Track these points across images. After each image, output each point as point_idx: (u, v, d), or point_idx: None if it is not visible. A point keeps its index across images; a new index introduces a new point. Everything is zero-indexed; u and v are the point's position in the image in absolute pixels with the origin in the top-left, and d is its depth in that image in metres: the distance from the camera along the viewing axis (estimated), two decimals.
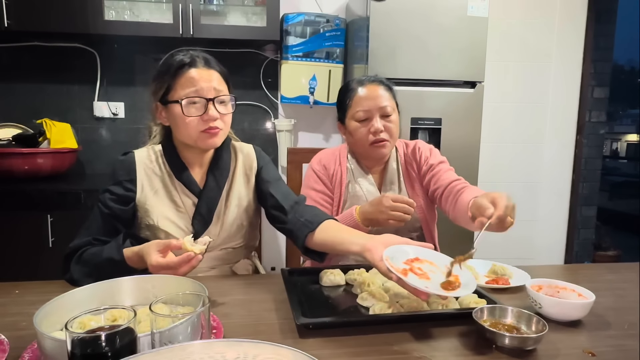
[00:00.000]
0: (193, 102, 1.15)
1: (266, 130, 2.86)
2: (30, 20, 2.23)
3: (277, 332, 0.87)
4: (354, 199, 1.47)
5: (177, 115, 1.16)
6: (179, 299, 0.75)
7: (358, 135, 1.43)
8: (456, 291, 0.88)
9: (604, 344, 0.84)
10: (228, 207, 1.27)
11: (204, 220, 1.23)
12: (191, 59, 1.17)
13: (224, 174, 1.28)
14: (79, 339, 0.59)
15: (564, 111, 3.11)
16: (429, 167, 1.48)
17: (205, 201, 1.23)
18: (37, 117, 2.41)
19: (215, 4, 2.54)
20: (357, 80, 1.47)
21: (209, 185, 1.25)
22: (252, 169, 1.33)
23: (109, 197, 1.18)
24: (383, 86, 1.44)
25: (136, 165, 1.22)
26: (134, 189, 1.20)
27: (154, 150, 1.27)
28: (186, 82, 1.15)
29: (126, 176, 1.21)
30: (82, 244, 1.14)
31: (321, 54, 2.63)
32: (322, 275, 1.13)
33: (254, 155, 1.35)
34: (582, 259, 3.26)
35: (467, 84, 2.36)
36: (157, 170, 1.24)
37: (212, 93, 1.16)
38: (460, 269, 0.96)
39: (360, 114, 1.41)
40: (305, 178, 1.54)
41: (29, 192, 2.11)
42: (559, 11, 2.99)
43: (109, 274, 0.99)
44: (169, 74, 1.16)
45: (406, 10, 2.25)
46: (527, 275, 1.18)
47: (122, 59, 2.64)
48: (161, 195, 1.22)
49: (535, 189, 3.14)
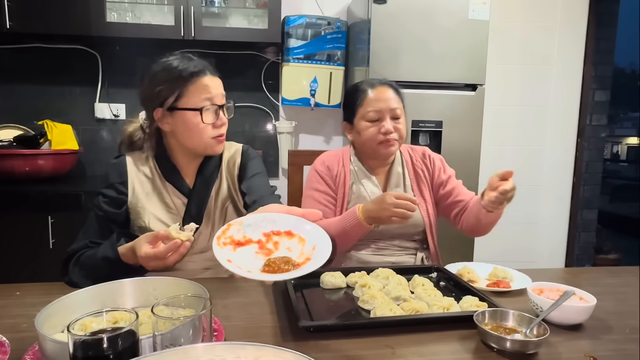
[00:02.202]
0: (208, 109, 1.18)
1: (267, 132, 2.87)
2: (32, 22, 2.24)
3: (279, 334, 0.87)
4: (358, 200, 1.48)
5: (189, 122, 1.17)
6: (180, 302, 0.75)
7: (368, 135, 1.45)
8: (284, 274, 0.72)
9: (606, 348, 0.84)
10: (217, 206, 1.28)
11: (194, 221, 1.22)
12: (203, 67, 1.18)
13: (213, 174, 1.30)
14: (81, 341, 0.59)
15: (565, 114, 3.11)
16: (447, 178, 1.53)
17: (194, 202, 1.25)
18: (39, 119, 2.42)
19: (216, 6, 2.54)
20: (367, 82, 1.49)
21: (198, 185, 1.27)
22: (235, 166, 1.33)
23: (103, 200, 1.20)
24: (393, 89, 1.47)
25: (127, 168, 1.24)
26: (125, 191, 1.22)
27: (146, 155, 1.29)
28: (201, 90, 1.17)
29: (118, 179, 1.23)
30: (79, 247, 1.16)
31: (322, 56, 2.63)
32: (323, 278, 1.13)
33: (239, 153, 1.35)
34: (582, 262, 3.25)
35: (468, 86, 2.36)
36: (147, 173, 1.26)
37: (221, 100, 1.20)
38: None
39: (372, 114, 1.43)
40: (307, 179, 1.55)
41: (30, 194, 2.12)
42: (560, 14, 2.99)
43: (106, 273, 1.00)
44: (179, 81, 1.16)
45: (407, 13, 2.25)
46: (528, 278, 1.18)
47: (123, 60, 2.65)
48: (152, 197, 1.24)
49: (536, 191, 3.13)
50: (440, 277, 1.19)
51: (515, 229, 3.08)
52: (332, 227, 1.33)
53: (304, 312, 0.95)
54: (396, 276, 1.12)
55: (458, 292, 1.09)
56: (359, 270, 1.16)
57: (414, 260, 1.47)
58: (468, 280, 1.17)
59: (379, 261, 1.45)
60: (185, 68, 1.17)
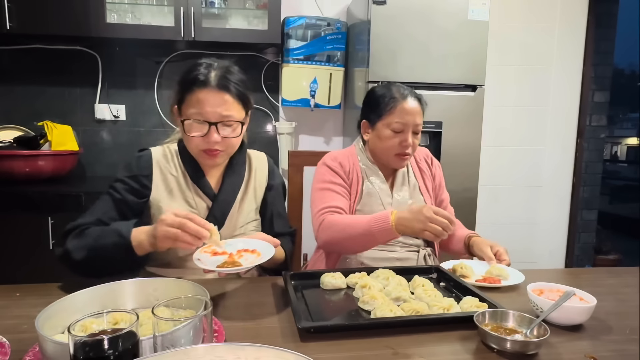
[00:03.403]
0: (197, 123, 1.16)
1: (267, 133, 2.87)
2: (32, 22, 2.24)
3: (279, 335, 0.87)
4: (367, 197, 1.49)
5: (182, 127, 1.19)
6: (180, 302, 0.76)
7: (388, 144, 1.46)
8: (228, 268, 0.99)
9: (606, 348, 0.84)
10: (241, 213, 1.29)
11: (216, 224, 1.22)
12: (205, 78, 1.15)
13: (239, 180, 1.30)
14: (82, 342, 0.59)
15: (565, 115, 3.11)
16: (441, 188, 1.64)
17: (219, 205, 1.25)
18: (39, 120, 2.42)
19: (216, 7, 2.54)
20: (399, 89, 1.47)
21: (225, 189, 1.27)
22: (262, 185, 1.36)
23: (123, 187, 1.19)
24: (420, 104, 1.48)
25: (153, 163, 1.24)
26: (149, 185, 1.21)
27: (170, 150, 1.28)
28: (193, 102, 1.16)
29: (143, 171, 1.22)
30: (85, 222, 1.13)
31: (322, 57, 2.63)
32: (323, 279, 1.13)
33: (266, 172, 1.37)
34: (582, 262, 3.25)
35: (467, 87, 2.36)
36: (172, 171, 1.25)
37: (215, 117, 1.16)
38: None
39: (398, 125, 1.44)
40: (318, 175, 1.53)
41: (30, 195, 2.12)
42: (560, 15, 2.99)
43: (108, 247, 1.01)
44: (182, 87, 1.18)
45: (407, 13, 2.25)
46: (522, 276, 1.20)
47: (123, 61, 2.65)
48: (175, 196, 1.23)
49: (535, 192, 3.14)
50: (441, 277, 1.19)
51: (515, 230, 3.08)
52: (359, 226, 1.30)
53: (304, 312, 0.95)
54: (396, 277, 1.12)
55: (458, 292, 1.09)
56: (359, 271, 1.16)
57: (417, 257, 1.48)
58: (460, 275, 1.20)
59: (383, 257, 1.45)
60: (195, 75, 1.16)
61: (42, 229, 2.10)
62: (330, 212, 1.40)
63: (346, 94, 2.77)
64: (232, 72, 1.20)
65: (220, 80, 1.16)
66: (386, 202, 1.49)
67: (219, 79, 1.16)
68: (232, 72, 1.20)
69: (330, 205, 1.42)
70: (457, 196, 1.72)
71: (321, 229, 1.38)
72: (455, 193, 1.72)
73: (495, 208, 3.04)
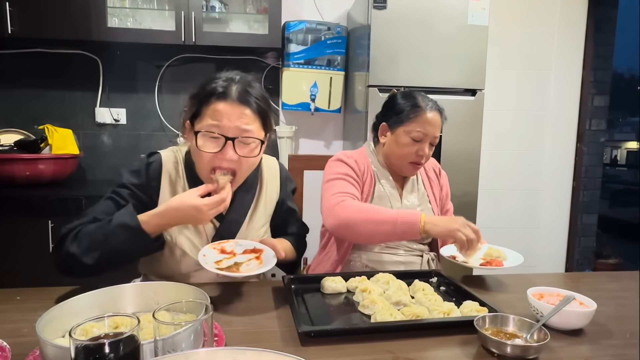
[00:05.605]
0: (212, 137, 1.08)
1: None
2: (34, 27, 2.25)
3: (279, 339, 0.87)
4: (377, 199, 1.49)
5: (193, 143, 1.11)
6: (181, 307, 0.76)
7: (404, 151, 1.46)
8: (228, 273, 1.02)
9: (606, 353, 0.84)
10: (250, 231, 1.25)
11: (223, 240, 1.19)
12: (224, 90, 1.08)
13: (250, 198, 1.25)
14: (83, 347, 0.59)
15: (564, 119, 3.12)
16: (445, 195, 1.65)
17: (227, 225, 1.21)
18: (39, 123, 2.42)
19: (217, 12, 2.55)
20: (424, 100, 1.47)
21: (234, 208, 1.21)
22: (273, 200, 1.31)
23: (128, 194, 1.14)
24: (441, 117, 1.49)
25: (162, 173, 1.18)
26: (156, 198, 1.16)
27: (180, 158, 1.22)
28: (210, 114, 1.08)
29: (151, 182, 1.16)
30: (81, 222, 1.07)
31: (322, 61, 2.64)
32: (324, 283, 1.13)
33: (277, 184, 1.32)
34: (583, 267, 3.25)
35: (467, 91, 2.37)
36: (180, 183, 1.20)
37: (233, 132, 1.08)
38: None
39: (418, 134, 1.44)
40: (331, 168, 1.50)
41: (31, 198, 2.12)
42: (559, 19, 3.01)
43: (121, 243, 0.99)
44: (199, 99, 1.10)
45: (407, 18, 2.26)
46: (520, 257, 1.25)
47: (124, 65, 2.66)
48: None
49: (535, 196, 3.14)
50: (441, 282, 1.20)
51: (515, 234, 3.08)
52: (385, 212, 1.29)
53: (305, 317, 0.95)
54: (396, 281, 1.12)
55: (458, 297, 1.09)
56: (359, 275, 1.16)
57: (420, 261, 1.49)
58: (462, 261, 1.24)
59: (388, 260, 1.46)
60: (214, 87, 1.09)
61: (42, 233, 2.10)
62: (350, 197, 1.37)
63: (346, 98, 2.77)
64: (253, 87, 1.13)
65: (242, 93, 1.09)
66: (395, 207, 1.49)
67: (239, 93, 1.09)
68: (253, 87, 1.13)
69: (348, 191, 1.39)
70: (457, 200, 1.72)
71: (340, 207, 1.32)
72: (455, 197, 1.72)
73: (495, 212, 3.05)
